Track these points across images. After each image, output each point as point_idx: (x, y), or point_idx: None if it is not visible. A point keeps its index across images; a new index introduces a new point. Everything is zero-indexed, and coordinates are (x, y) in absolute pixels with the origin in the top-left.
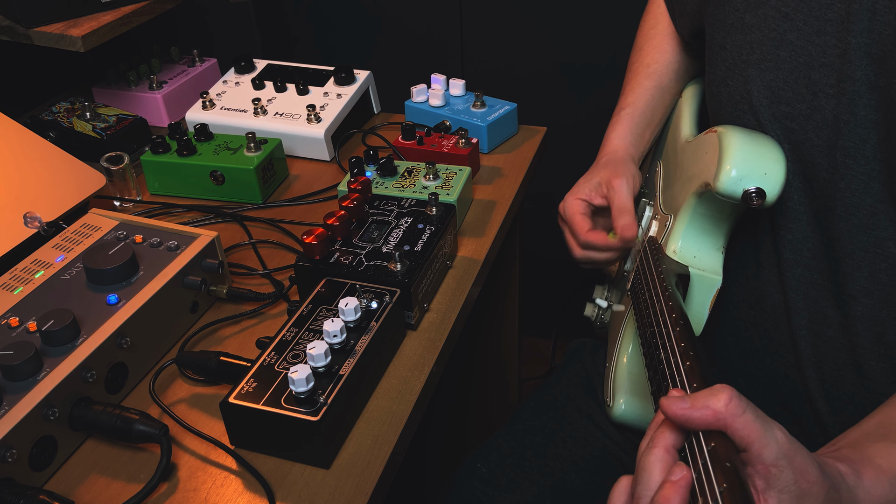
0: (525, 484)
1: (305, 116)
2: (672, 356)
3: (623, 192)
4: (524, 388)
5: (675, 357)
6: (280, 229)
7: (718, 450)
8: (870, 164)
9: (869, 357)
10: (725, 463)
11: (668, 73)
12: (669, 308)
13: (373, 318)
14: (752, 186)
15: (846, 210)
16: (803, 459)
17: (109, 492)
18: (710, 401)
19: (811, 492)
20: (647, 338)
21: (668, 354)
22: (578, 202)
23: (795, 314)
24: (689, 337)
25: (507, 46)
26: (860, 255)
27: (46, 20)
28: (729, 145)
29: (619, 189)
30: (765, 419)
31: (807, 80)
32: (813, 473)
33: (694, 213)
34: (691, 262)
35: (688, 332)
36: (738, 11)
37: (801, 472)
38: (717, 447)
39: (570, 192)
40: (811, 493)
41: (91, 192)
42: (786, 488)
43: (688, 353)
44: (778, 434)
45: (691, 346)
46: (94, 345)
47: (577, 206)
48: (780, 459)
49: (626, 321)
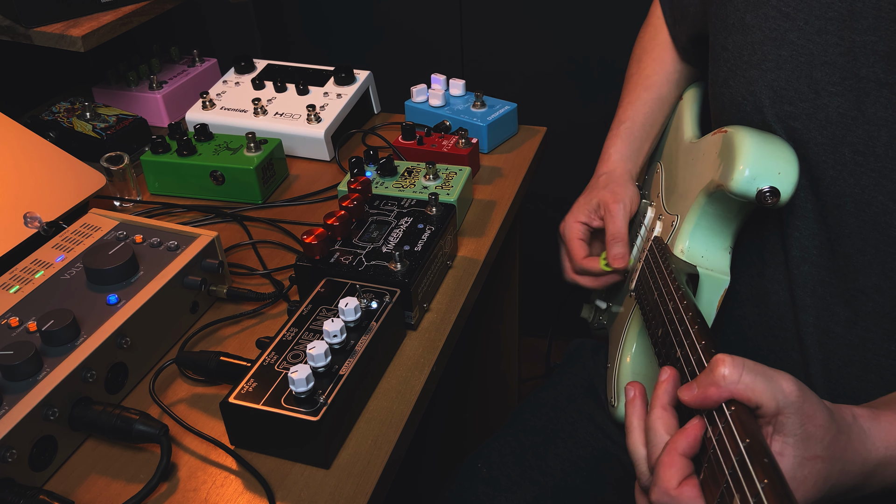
0: (525, 484)
1: (305, 116)
2: (692, 353)
3: (619, 218)
4: (524, 388)
5: (697, 354)
6: (280, 229)
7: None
8: (880, 161)
9: (878, 353)
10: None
11: (668, 83)
12: (685, 306)
13: (373, 318)
14: (766, 186)
15: (856, 207)
16: (812, 405)
17: (109, 492)
18: (709, 381)
19: (816, 434)
20: (659, 337)
21: (686, 352)
22: (578, 226)
23: (802, 311)
24: (708, 334)
25: (507, 47)
26: (871, 251)
27: (46, 20)
28: (741, 145)
29: (616, 215)
30: (766, 375)
31: (809, 78)
32: (820, 417)
33: (702, 213)
34: (699, 262)
35: (706, 330)
36: (739, 12)
37: (808, 416)
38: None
39: (571, 212)
40: (816, 435)
41: (91, 192)
42: (791, 432)
43: (709, 350)
44: (783, 385)
45: (712, 344)
46: (94, 345)
47: (576, 231)
48: (786, 408)
49: (630, 321)
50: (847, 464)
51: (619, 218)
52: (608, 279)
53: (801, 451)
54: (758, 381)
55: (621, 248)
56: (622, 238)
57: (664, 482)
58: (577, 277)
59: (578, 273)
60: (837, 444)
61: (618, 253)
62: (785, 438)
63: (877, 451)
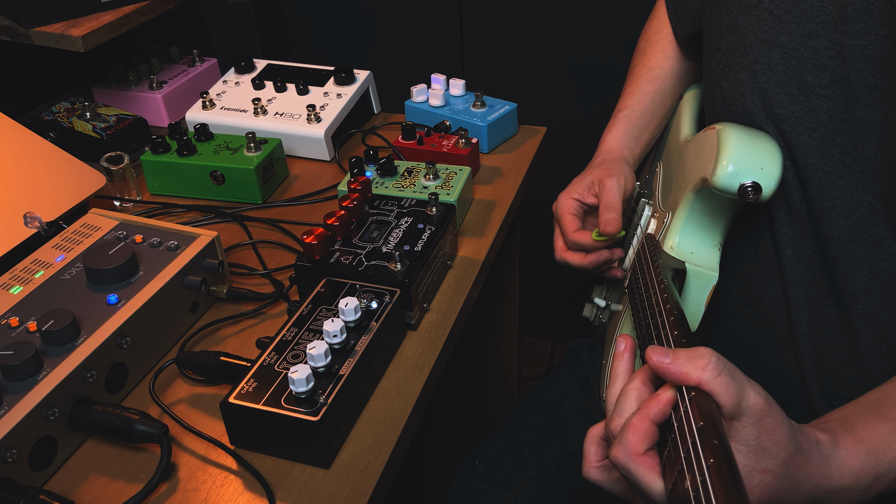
0: (523, 481)
1: (305, 116)
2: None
3: (612, 190)
4: (524, 388)
5: (669, 344)
6: (280, 229)
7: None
8: (869, 164)
9: (869, 355)
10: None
11: (671, 77)
12: (664, 299)
13: (373, 318)
14: (748, 181)
15: (845, 208)
16: (774, 421)
17: (109, 492)
18: (688, 364)
19: (771, 450)
20: (641, 329)
21: (661, 343)
22: (571, 201)
23: (796, 311)
24: (682, 325)
25: (507, 46)
26: (860, 253)
27: (46, 20)
28: (726, 141)
29: (610, 187)
30: (740, 381)
31: (799, 81)
32: (779, 434)
33: (692, 209)
34: (688, 258)
35: (682, 321)
36: (732, 13)
37: (766, 431)
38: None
39: (564, 190)
40: (771, 450)
41: (91, 192)
42: (745, 441)
43: (680, 340)
44: (750, 395)
45: (684, 334)
46: (94, 345)
47: (569, 206)
48: (745, 417)
49: (624, 318)
50: (798, 484)
51: (613, 191)
52: (599, 256)
53: (752, 461)
54: (731, 385)
55: (613, 214)
56: (615, 206)
57: (631, 444)
58: (568, 255)
59: (570, 248)
60: (793, 464)
61: (610, 218)
62: (737, 445)
63: (831, 480)
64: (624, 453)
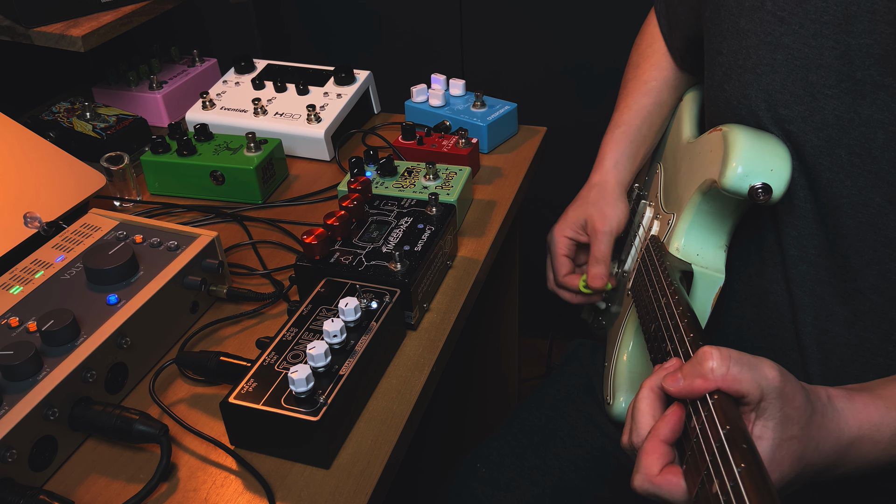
0: (524, 484)
1: (305, 116)
2: (681, 347)
3: (603, 243)
4: (524, 388)
5: (685, 347)
6: (280, 229)
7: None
8: (877, 163)
9: (876, 353)
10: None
11: (667, 88)
12: (676, 301)
13: (373, 318)
14: (758, 182)
15: (853, 208)
16: (792, 388)
17: (109, 492)
18: (698, 378)
19: (793, 416)
20: (651, 332)
21: (675, 346)
22: (564, 241)
23: (801, 311)
24: (697, 328)
25: (508, 47)
26: (869, 252)
27: (46, 20)
28: (734, 142)
29: (601, 240)
30: (751, 365)
31: (804, 82)
32: (799, 399)
33: (698, 210)
34: (694, 260)
35: (695, 323)
36: (733, 16)
37: (787, 399)
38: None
39: (559, 225)
40: (793, 416)
41: (91, 192)
42: (772, 416)
43: (697, 343)
44: (766, 371)
45: (700, 337)
46: (94, 345)
47: (563, 247)
48: (769, 393)
49: (627, 320)
50: (821, 442)
51: (604, 242)
52: (588, 299)
53: (779, 433)
54: (744, 372)
55: (601, 268)
56: (604, 261)
57: (646, 468)
58: (558, 290)
59: (559, 287)
60: (812, 424)
61: (597, 272)
62: (765, 422)
63: (850, 430)
64: (643, 479)
